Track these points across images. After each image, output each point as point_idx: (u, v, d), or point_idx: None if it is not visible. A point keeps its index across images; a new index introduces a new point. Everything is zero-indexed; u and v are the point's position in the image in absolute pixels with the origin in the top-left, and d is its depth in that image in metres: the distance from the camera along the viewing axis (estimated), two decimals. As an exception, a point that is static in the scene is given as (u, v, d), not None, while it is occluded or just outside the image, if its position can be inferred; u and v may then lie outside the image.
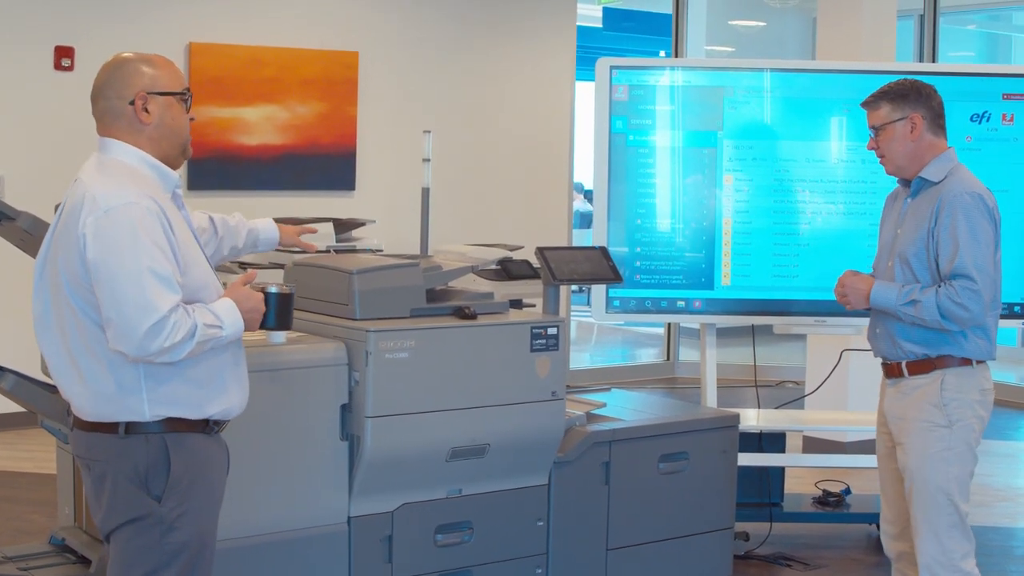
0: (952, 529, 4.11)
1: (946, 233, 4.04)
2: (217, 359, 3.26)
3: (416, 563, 4.45)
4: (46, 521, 5.98)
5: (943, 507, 4.10)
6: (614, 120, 5.87)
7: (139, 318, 3.03)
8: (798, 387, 9.30)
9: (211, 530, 3.33)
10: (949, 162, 4.17)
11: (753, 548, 5.75)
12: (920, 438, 4.11)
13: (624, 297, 5.89)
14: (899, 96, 4.18)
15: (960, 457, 4.10)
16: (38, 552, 4.58)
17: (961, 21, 12.97)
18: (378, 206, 8.92)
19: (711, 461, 5.18)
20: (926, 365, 4.14)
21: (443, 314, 4.50)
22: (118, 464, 3.20)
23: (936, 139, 4.19)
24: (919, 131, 4.16)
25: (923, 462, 4.11)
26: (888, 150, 4.20)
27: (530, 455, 4.62)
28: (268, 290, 3.36)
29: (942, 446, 4.09)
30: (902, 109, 4.17)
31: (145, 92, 3.23)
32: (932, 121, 4.19)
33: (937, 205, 4.08)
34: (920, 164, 4.18)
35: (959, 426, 4.09)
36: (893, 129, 4.18)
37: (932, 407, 4.10)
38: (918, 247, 4.11)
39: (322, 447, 4.22)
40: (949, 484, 4.09)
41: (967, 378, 4.12)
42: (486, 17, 9.68)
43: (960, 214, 4.03)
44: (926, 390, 4.12)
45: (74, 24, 8.11)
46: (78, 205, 3.14)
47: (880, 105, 4.21)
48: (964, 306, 3.99)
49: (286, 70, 8.74)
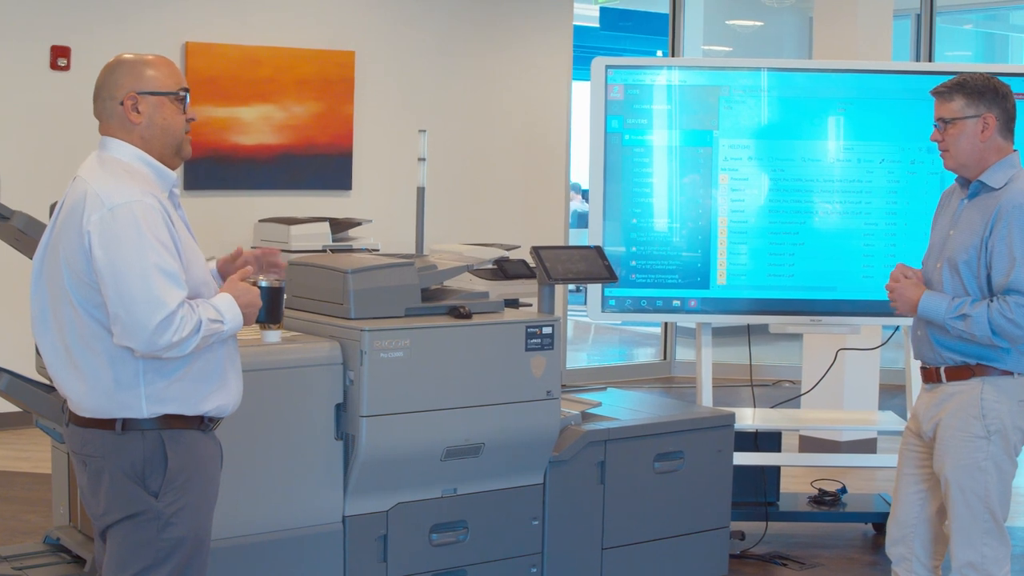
0: (987, 536, 4.01)
1: (1002, 245, 3.89)
2: (213, 356, 3.28)
3: (411, 563, 4.45)
4: (41, 521, 5.98)
5: (979, 514, 4.00)
6: (610, 119, 5.87)
7: (148, 314, 3.07)
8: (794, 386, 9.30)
9: (207, 526, 3.35)
10: (1012, 168, 4.01)
11: (749, 547, 5.75)
12: (957, 447, 4.00)
13: (620, 296, 5.89)
14: (976, 92, 4.00)
15: (998, 467, 4.00)
16: (33, 552, 4.58)
17: (958, 20, 12.98)
18: (374, 206, 8.93)
19: (707, 460, 5.18)
20: (964, 372, 4.01)
21: (438, 313, 4.51)
22: (115, 460, 3.22)
23: (1004, 143, 4.02)
24: (991, 132, 3.99)
25: (960, 471, 4.00)
26: (954, 146, 4.02)
27: (525, 454, 4.62)
28: (259, 284, 3.40)
29: (981, 456, 3.98)
30: (977, 106, 3.99)
31: (135, 92, 3.26)
32: (1004, 124, 4.02)
33: (994, 214, 3.92)
34: (983, 166, 4.01)
35: (997, 436, 3.98)
36: (964, 125, 3.99)
37: (971, 418, 3.98)
38: (970, 255, 3.96)
39: (317, 446, 4.22)
40: (988, 493, 3.99)
41: (1006, 388, 3.99)
42: (482, 16, 9.68)
43: (1016, 227, 3.87)
44: (963, 399, 4.01)
45: (70, 24, 8.10)
46: (80, 202, 3.16)
47: (954, 97, 4.02)
48: (1017, 323, 3.84)
49: (282, 70, 8.73)
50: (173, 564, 3.25)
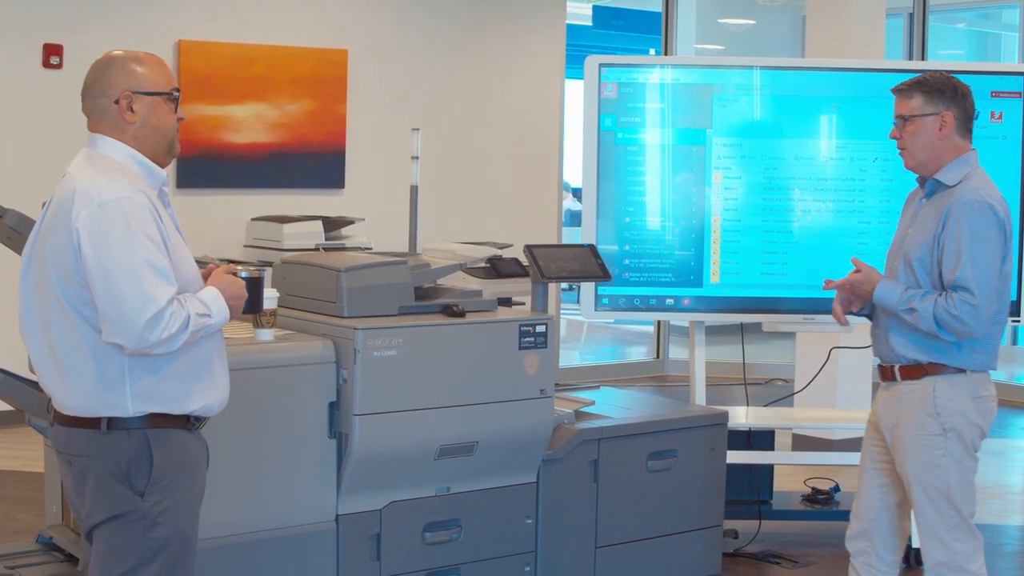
0: (954, 531, 4.05)
1: (951, 241, 3.93)
2: (200, 352, 3.28)
3: (404, 561, 4.44)
4: (33, 520, 5.96)
5: (944, 511, 4.04)
6: (603, 118, 5.87)
7: (138, 310, 3.06)
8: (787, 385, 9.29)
9: (193, 526, 3.34)
10: (967, 166, 4.05)
11: (742, 546, 5.75)
12: (916, 446, 4.05)
13: (613, 295, 5.88)
14: (935, 90, 4.03)
15: (958, 463, 4.04)
16: (25, 551, 4.57)
17: (950, 19, 12.99)
18: (367, 204, 8.91)
19: (700, 459, 5.18)
20: (918, 371, 4.06)
21: (431, 312, 4.50)
22: (100, 459, 3.21)
23: (962, 141, 4.06)
24: (948, 130, 4.03)
25: (921, 470, 4.04)
26: (912, 143, 4.07)
27: (519, 453, 4.61)
28: (239, 274, 3.41)
29: (939, 453, 4.02)
30: (935, 104, 4.03)
31: (130, 91, 3.25)
32: (962, 122, 4.06)
33: (946, 211, 3.97)
34: (940, 164, 4.05)
35: (953, 433, 4.02)
36: (922, 123, 4.04)
37: (926, 416, 4.03)
38: (923, 252, 4.01)
39: (310, 445, 4.22)
40: (949, 488, 4.03)
41: (960, 386, 4.04)
42: (476, 15, 9.68)
43: (966, 223, 3.92)
44: (918, 397, 4.05)
45: (63, 22, 8.09)
46: (68, 199, 3.15)
47: (913, 95, 4.05)
48: (960, 320, 3.90)
49: (275, 68, 8.72)
50: (159, 564, 3.24)
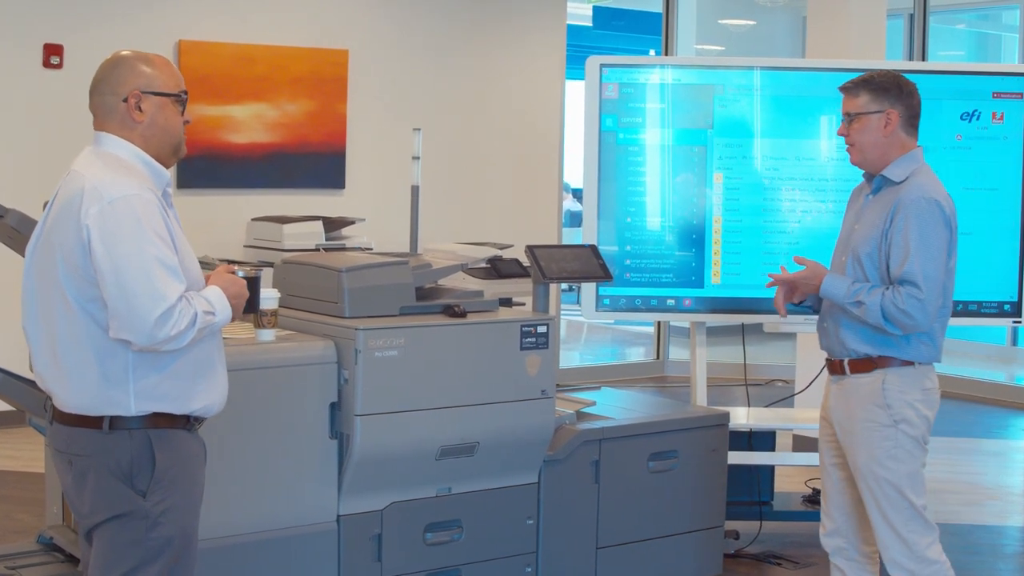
0: (910, 522, 4.11)
1: (899, 236, 4.02)
2: (202, 354, 3.29)
3: (405, 562, 4.44)
4: (34, 520, 5.96)
5: (896, 502, 4.10)
6: (604, 118, 5.87)
7: (148, 307, 3.08)
8: (788, 386, 9.29)
9: (194, 525, 3.34)
10: (914, 163, 4.15)
11: (743, 547, 5.74)
12: (867, 438, 4.12)
13: (614, 296, 5.88)
14: (880, 88, 4.15)
15: (909, 454, 4.10)
16: (26, 551, 4.57)
17: (951, 20, 12.99)
18: (368, 204, 8.91)
19: (701, 460, 5.18)
20: (867, 364, 4.13)
21: (432, 312, 4.50)
22: (102, 459, 3.21)
23: (907, 138, 4.17)
24: (893, 127, 4.13)
25: (872, 461, 4.11)
26: (858, 140, 4.18)
27: (520, 453, 4.61)
28: (237, 274, 3.43)
29: (889, 444, 4.09)
30: (880, 102, 4.14)
31: (140, 91, 3.27)
32: (907, 120, 4.16)
33: (894, 207, 4.06)
34: (886, 160, 4.15)
35: (904, 424, 4.09)
36: (868, 120, 4.15)
37: (876, 408, 4.10)
38: (871, 247, 4.10)
39: (311, 445, 4.22)
40: (900, 480, 4.10)
41: (908, 378, 4.11)
42: (476, 15, 9.67)
43: (913, 219, 4.01)
44: (868, 390, 4.12)
45: (63, 22, 8.08)
46: (77, 196, 3.16)
47: (859, 93, 4.17)
48: (907, 313, 3.98)
49: (275, 68, 8.72)
50: (161, 564, 3.24)
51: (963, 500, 6.93)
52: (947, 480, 7.29)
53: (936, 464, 7.56)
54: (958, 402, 9.45)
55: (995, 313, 5.95)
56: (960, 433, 8.56)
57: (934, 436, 4.23)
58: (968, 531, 6.32)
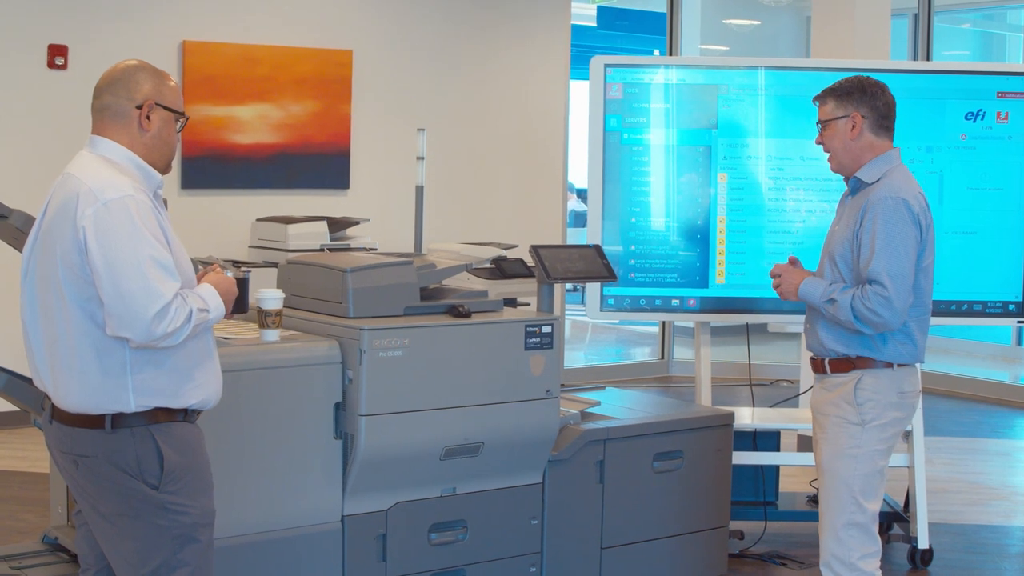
0: (851, 528, 4.13)
1: (867, 237, 4.07)
2: (197, 349, 3.35)
3: (410, 562, 4.44)
4: (38, 520, 5.97)
5: (845, 503, 4.13)
6: (608, 118, 5.86)
7: (145, 305, 3.14)
8: (792, 386, 9.29)
9: (211, 507, 3.41)
10: (887, 164, 4.18)
11: (748, 547, 5.74)
12: (833, 433, 4.16)
13: (618, 296, 5.88)
14: (844, 94, 4.21)
15: (869, 456, 4.12)
16: (31, 551, 4.57)
17: (955, 20, 12.98)
18: (372, 205, 8.91)
19: (706, 460, 5.18)
20: (846, 364, 4.17)
21: (437, 312, 4.50)
22: (110, 458, 3.26)
23: (878, 140, 4.20)
24: (859, 130, 4.18)
25: (832, 457, 4.15)
26: (830, 146, 4.24)
27: (524, 454, 4.61)
28: (226, 275, 3.48)
29: (852, 443, 4.12)
30: (845, 107, 4.20)
31: (154, 102, 3.35)
32: (875, 121, 4.20)
33: (863, 207, 4.10)
34: (858, 163, 4.20)
35: (872, 426, 4.12)
36: (835, 126, 4.21)
37: (846, 404, 4.14)
38: (844, 248, 4.15)
39: (315, 446, 4.22)
40: (853, 481, 4.12)
41: (886, 380, 4.14)
42: (480, 15, 9.67)
43: (880, 219, 4.05)
44: (843, 388, 4.16)
45: (68, 22, 8.09)
46: (73, 198, 3.22)
47: (826, 101, 4.25)
48: (875, 312, 4.01)
49: (280, 68, 8.72)
50: (193, 547, 3.32)
51: (967, 500, 6.92)
52: (951, 480, 7.29)
53: (940, 464, 7.56)
54: (962, 402, 9.44)
55: (999, 313, 5.94)
56: (965, 433, 8.54)
57: (937, 436, 4.24)
58: (973, 531, 6.31)
